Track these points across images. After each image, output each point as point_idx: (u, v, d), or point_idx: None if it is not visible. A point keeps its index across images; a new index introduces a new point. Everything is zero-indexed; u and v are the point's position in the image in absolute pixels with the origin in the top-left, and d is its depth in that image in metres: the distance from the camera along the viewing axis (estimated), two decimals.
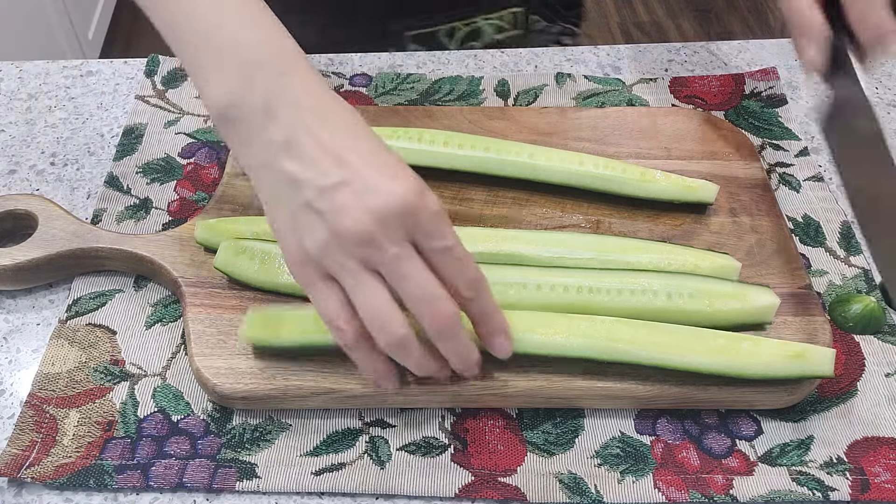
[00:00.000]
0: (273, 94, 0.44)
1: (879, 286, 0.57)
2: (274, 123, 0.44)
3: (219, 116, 0.46)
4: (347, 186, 0.43)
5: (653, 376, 0.50)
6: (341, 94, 0.70)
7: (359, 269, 0.43)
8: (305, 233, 0.44)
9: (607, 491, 0.48)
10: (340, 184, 0.43)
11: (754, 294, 0.52)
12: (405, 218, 0.43)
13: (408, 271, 0.43)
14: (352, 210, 0.42)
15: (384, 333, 0.44)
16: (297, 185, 0.43)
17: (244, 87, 0.44)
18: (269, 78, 0.44)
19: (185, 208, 0.62)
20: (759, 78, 0.72)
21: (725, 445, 0.50)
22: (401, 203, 0.42)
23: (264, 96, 0.44)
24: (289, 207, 0.44)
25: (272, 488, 0.48)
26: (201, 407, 0.51)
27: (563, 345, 0.49)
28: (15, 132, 0.69)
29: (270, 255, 0.54)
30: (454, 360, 0.47)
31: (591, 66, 0.75)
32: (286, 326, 0.50)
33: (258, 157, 0.45)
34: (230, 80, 0.45)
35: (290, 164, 0.43)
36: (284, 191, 0.44)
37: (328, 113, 0.45)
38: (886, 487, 0.48)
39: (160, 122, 0.69)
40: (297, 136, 0.44)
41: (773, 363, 0.48)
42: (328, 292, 0.44)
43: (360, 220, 0.42)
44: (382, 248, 0.42)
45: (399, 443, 0.50)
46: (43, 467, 0.48)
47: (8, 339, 0.56)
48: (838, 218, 0.62)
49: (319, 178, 0.43)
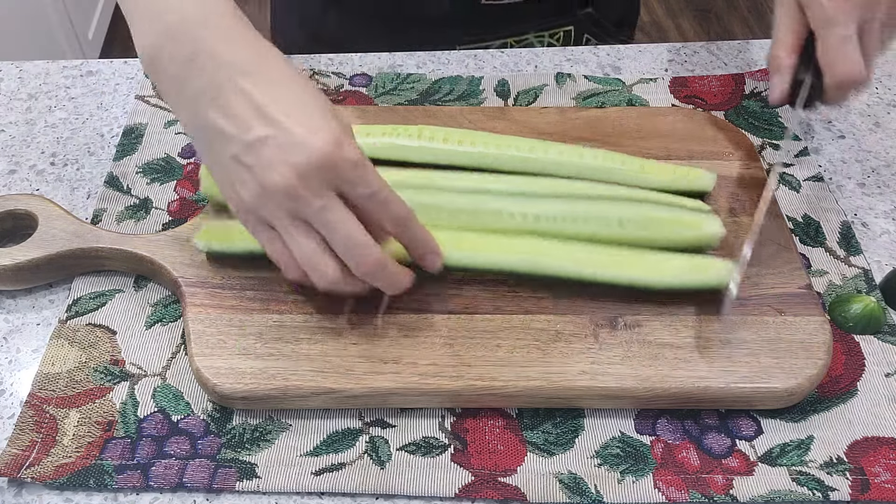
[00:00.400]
0: (196, 46, 0.46)
1: (880, 286, 0.57)
2: (198, 75, 0.46)
3: (148, 64, 0.48)
4: (272, 141, 0.45)
5: (652, 376, 0.50)
6: (341, 94, 0.71)
7: (289, 220, 0.46)
8: (238, 185, 0.46)
9: (607, 491, 0.48)
10: (265, 138, 0.45)
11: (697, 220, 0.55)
12: (326, 171, 0.45)
13: (333, 222, 0.46)
14: (276, 165, 0.44)
15: (318, 276, 0.48)
16: (224, 138, 0.46)
17: (168, 38, 0.47)
18: (192, 30, 0.46)
19: (185, 208, 0.62)
20: (759, 78, 0.72)
21: (725, 445, 0.50)
22: (320, 157, 0.44)
23: (188, 47, 0.46)
24: (220, 159, 0.47)
25: (272, 488, 0.48)
26: (201, 407, 0.51)
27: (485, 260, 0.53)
28: (15, 132, 0.69)
29: None
30: (388, 289, 0.50)
31: (591, 66, 0.75)
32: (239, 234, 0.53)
33: (187, 107, 0.47)
34: (156, 30, 0.47)
35: (214, 115, 0.46)
36: (214, 142, 0.47)
37: (252, 65, 0.46)
38: (886, 487, 0.48)
39: (160, 122, 0.69)
40: (221, 88, 0.45)
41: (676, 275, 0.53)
42: (270, 237, 0.48)
43: (285, 176, 0.44)
44: (307, 201, 0.45)
45: (399, 443, 0.50)
46: (43, 467, 0.48)
47: (8, 339, 0.56)
48: (838, 218, 0.62)
49: (244, 132, 0.45)
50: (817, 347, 0.51)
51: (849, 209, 0.63)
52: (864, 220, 0.63)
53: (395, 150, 0.61)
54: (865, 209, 0.63)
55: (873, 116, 0.71)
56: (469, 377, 0.50)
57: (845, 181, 0.65)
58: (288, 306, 0.53)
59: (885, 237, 0.61)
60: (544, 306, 0.54)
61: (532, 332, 0.52)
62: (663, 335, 0.52)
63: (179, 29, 0.46)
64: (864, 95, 0.72)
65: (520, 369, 0.50)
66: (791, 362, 0.50)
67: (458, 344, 0.51)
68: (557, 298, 0.54)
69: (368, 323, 0.53)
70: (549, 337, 0.52)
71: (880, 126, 0.70)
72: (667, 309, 0.53)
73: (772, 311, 0.53)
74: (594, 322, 0.53)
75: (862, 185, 0.65)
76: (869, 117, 0.71)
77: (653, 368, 0.50)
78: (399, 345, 0.51)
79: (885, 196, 0.64)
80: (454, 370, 0.50)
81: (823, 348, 0.51)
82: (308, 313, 0.53)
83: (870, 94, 0.73)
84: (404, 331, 0.52)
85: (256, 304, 0.54)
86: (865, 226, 0.62)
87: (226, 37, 0.47)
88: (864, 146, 0.68)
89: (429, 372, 0.50)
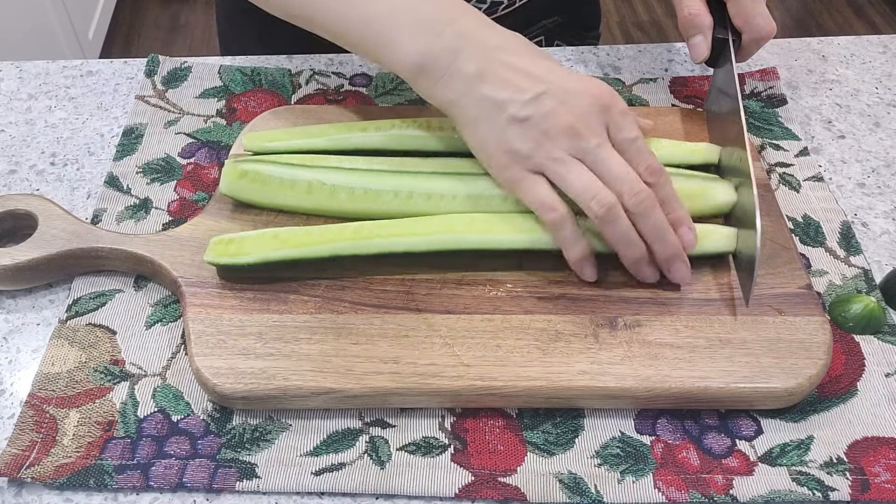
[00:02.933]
0: (457, 36, 0.54)
1: (880, 286, 0.57)
2: (464, 60, 0.53)
3: (414, 71, 0.55)
4: (547, 95, 0.52)
5: (652, 376, 0.50)
6: (341, 94, 0.71)
7: (568, 158, 0.52)
8: (515, 139, 0.52)
9: (607, 491, 0.48)
10: (541, 94, 0.52)
11: (708, 188, 0.58)
12: (601, 114, 0.52)
13: (607, 156, 0.52)
14: (558, 112, 0.51)
15: (597, 202, 0.51)
16: (499, 105, 0.52)
17: (432, 39, 0.54)
18: (449, 25, 0.54)
19: (185, 208, 0.62)
20: (759, 78, 0.72)
21: (725, 445, 0.50)
22: (597, 101, 0.52)
23: (451, 40, 0.54)
24: (494, 124, 0.53)
25: (272, 488, 0.48)
26: (201, 407, 0.51)
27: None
28: (15, 132, 0.69)
29: (270, 178, 0.57)
30: (653, 237, 0.52)
31: (591, 66, 0.75)
32: (247, 246, 0.54)
33: (455, 91, 0.54)
34: (419, 39, 0.54)
35: (486, 88, 0.53)
36: (487, 112, 0.53)
37: (505, 42, 0.54)
38: (886, 487, 0.48)
39: (160, 122, 0.69)
40: (487, 65, 0.53)
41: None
42: (538, 182, 0.53)
43: (567, 119, 0.51)
44: (586, 138, 0.51)
45: (399, 443, 0.50)
46: (43, 467, 0.48)
47: (8, 339, 0.56)
48: (838, 218, 0.62)
49: (518, 94, 0.52)
50: (817, 347, 0.51)
51: (849, 209, 0.63)
52: (864, 220, 0.63)
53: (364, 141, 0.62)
54: (865, 209, 0.63)
55: (873, 116, 0.71)
56: (469, 377, 0.50)
57: (845, 181, 0.65)
58: (288, 306, 0.53)
59: (885, 237, 0.61)
60: (544, 306, 0.54)
61: (532, 332, 0.52)
62: (663, 335, 0.52)
63: (439, 29, 0.54)
64: (864, 95, 0.72)
65: (519, 369, 0.50)
66: (791, 362, 0.50)
67: (457, 344, 0.51)
68: (557, 298, 0.54)
69: (368, 323, 0.53)
70: (549, 337, 0.52)
71: (880, 126, 0.70)
72: (667, 309, 0.53)
73: (772, 311, 0.53)
74: (594, 322, 0.53)
75: (862, 185, 0.65)
76: (869, 117, 0.71)
77: (653, 368, 0.50)
78: (399, 345, 0.51)
79: (885, 196, 0.64)
80: (454, 370, 0.50)
81: (823, 348, 0.51)
82: (308, 313, 0.53)
83: (870, 94, 0.73)
84: (404, 331, 0.52)
85: (256, 304, 0.54)
86: (865, 226, 0.62)
87: (477, 23, 0.55)
88: (864, 146, 0.68)
89: (428, 372, 0.50)
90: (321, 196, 0.57)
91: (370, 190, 0.57)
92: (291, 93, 0.71)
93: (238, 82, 0.72)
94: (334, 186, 0.57)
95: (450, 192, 0.57)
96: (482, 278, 0.55)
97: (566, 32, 0.88)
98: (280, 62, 0.75)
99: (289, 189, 0.57)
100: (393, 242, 0.54)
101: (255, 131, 0.63)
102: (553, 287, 0.55)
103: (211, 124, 0.68)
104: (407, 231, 0.54)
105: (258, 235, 0.55)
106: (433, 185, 0.57)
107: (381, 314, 0.53)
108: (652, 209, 0.51)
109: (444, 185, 0.57)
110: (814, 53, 0.77)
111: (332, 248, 0.54)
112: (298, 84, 0.72)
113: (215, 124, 0.68)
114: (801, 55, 0.77)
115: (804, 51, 0.77)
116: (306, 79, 0.72)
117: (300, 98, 0.71)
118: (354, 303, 0.54)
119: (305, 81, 0.72)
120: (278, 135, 0.62)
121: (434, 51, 0.54)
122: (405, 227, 0.55)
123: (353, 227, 0.55)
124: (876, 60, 0.76)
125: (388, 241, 0.54)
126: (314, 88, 0.72)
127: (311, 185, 0.57)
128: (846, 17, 2.54)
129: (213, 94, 0.71)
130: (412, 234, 0.54)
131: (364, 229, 0.55)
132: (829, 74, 0.75)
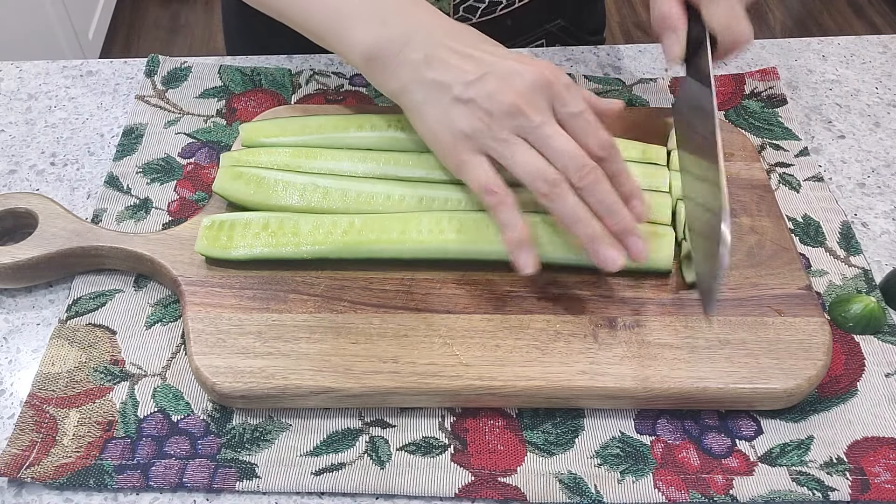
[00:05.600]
0: (406, 26, 0.55)
1: (880, 286, 0.57)
2: (411, 48, 0.54)
3: (366, 60, 0.56)
4: (490, 75, 0.52)
5: (652, 377, 0.50)
6: (341, 94, 0.71)
7: (512, 138, 0.51)
8: (459, 119, 0.52)
9: (607, 491, 0.48)
10: (483, 75, 0.52)
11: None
12: (544, 90, 0.51)
13: (552, 133, 0.51)
14: (500, 91, 0.51)
15: (542, 181, 0.50)
16: (444, 87, 0.53)
17: (382, 28, 0.55)
18: (399, 15, 0.55)
19: (185, 208, 0.62)
20: (759, 78, 0.72)
21: (725, 445, 0.50)
22: (540, 78, 0.51)
23: (400, 29, 0.55)
24: (439, 106, 0.53)
25: (272, 488, 0.48)
26: (201, 407, 0.51)
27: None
28: (15, 132, 0.69)
29: (264, 180, 0.58)
30: (602, 211, 0.51)
31: (591, 66, 0.75)
32: (238, 238, 0.55)
33: (404, 78, 0.54)
34: (369, 29, 0.55)
35: (432, 73, 0.53)
36: (432, 95, 0.53)
37: (453, 30, 0.55)
38: (886, 487, 0.48)
39: (160, 122, 0.69)
40: (433, 50, 0.53)
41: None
42: (479, 163, 0.52)
43: (509, 98, 0.51)
44: (529, 117, 0.51)
45: (399, 443, 0.50)
46: (43, 467, 0.48)
47: (8, 339, 0.56)
48: (838, 218, 0.62)
49: (462, 76, 0.52)
50: (817, 348, 0.51)
51: (849, 209, 0.63)
52: (864, 220, 0.63)
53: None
54: (865, 209, 0.63)
55: (873, 116, 0.71)
56: (468, 377, 0.50)
57: (845, 181, 0.65)
58: (287, 305, 0.53)
59: (885, 237, 0.61)
60: (544, 306, 0.54)
61: (531, 332, 0.52)
62: (663, 335, 0.52)
63: (390, 18, 0.55)
64: (864, 95, 0.72)
65: (519, 369, 0.50)
66: (790, 363, 0.50)
67: (457, 344, 0.51)
68: (557, 298, 0.54)
69: (367, 322, 0.53)
70: (549, 337, 0.52)
71: (880, 126, 0.70)
72: (666, 309, 0.53)
73: (771, 312, 0.53)
74: (593, 322, 0.53)
75: (862, 185, 0.65)
76: (869, 117, 0.71)
77: (652, 368, 0.50)
78: (398, 344, 0.51)
79: (885, 196, 0.64)
80: (453, 370, 0.50)
81: (823, 349, 0.51)
82: (307, 312, 0.53)
83: (870, 94, 0.73)
84: (403, 330, 0.52)
85: (256, 303, 0.54)
86: (865, 226, 0.62)
87: (427, 13, 0.56)
88: (864, 146, 0.68)
89: (428, 371, 0.50)
90: (315, 197, 0.57)
91: (363, 192, 0.57)
92: (291, 93, 0.71)
93: (238, 82, 0.72)
94: (328, 188, 0.57)
95: (442, 195, 0.57)
96: (482, 278, 0.55)
97: (569, 36, 0.88)
98: (280, 62, 0.75)
99: (282, 191, 0.57)
100: (383, 249, 0.55)
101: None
102: (552, 287, 0.55)
103: (211, 124, 0.68)
104: (397, 238, 0.55)
105: (247, 223, 0.56)
106: (426, 190, 0.57)
107: (380, 314, 0.53)
108: (597, 183, 0.50)
109: (438, 192, 0.57)
110: (814, 53, 0.77)
111: (322, 250, 0.55)
112: (298, 84, 0.72)
113: (215, 124, 0.68)
114: (801, 55, 0.77)
115: (804, 51, 0.77)
116: (306, 79, 0.72)
117: (300, 98, 0.71)
118: (354, 302, 0.54)
119: (305, 81, 0.72)
120: (274, 130, 0.62)
121: (383, 40, 0.55)
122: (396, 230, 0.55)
123: (343, 227, 0.55)
124: (876, 60, 0.76)
125: (380, 247, 0.55)
126: (314, 88, 0.72)
127: (305, 188, 0.57)
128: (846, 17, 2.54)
129: (213, 94, 0.71)
130: (402, 243, 0.55)
131: (353, 229, 0.55)
132: (829, 74, 0.75)
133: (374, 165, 0.59)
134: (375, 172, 0.59)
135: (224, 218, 0.56)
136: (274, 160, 0.59)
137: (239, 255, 0.55)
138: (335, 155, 0.60)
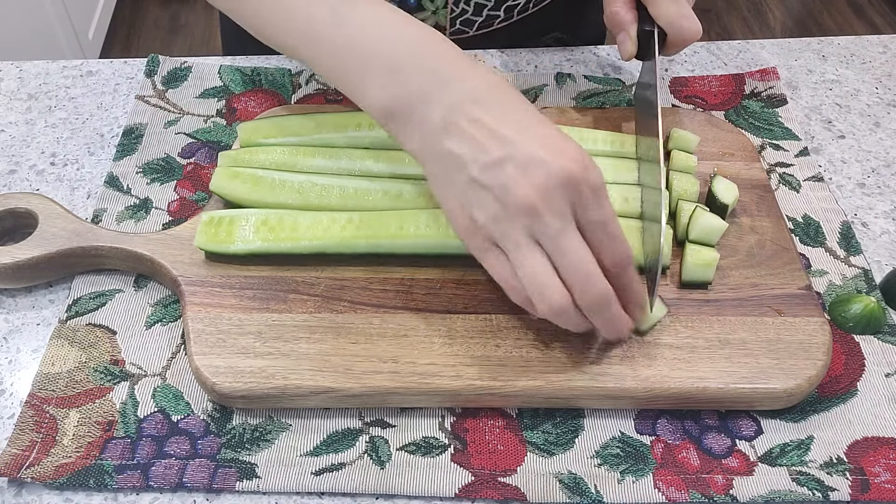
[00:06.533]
0: (425, 83, 0.49)
1: (880, 286, 0.57)
2: (430, 108, 0.48)
3: (383, 116, 0.51)
4: (510, 161, 0.46)
5: (652, 377, 0.50)
6: (341, 94, 0.71)
7: (522, 239, 0.46)
8: (474, 205, 0.47)
9: (607, 491, 0.48)
10: (503, 159, 0.46)
11: None
12: (568, 189, 0.45)
13: (568, 246, 0.46)
14: (518, 185, 0.45)
15: (543, 301, 0.46)
16: (461, 163, 0.47)
17: (400, 85, 0.49)
18: (419, 71, 0.49)
19: (185, 208, 0.62)
20: (759, 78, 0.72)
21: (725, 445, 0.50)
22: (564, 174, 0.45)
23: (419, 87, 0.49)
24: (455, 183, 0.48)
25: (272, 488, 0.48)
26: (201, 407, 0.51)
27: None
28: (15, 132, 0.69)
29: (262, 179, 0.58)
30: (605, 329, 0.49)
31: (591, 66, 0.75)
32: (236, 233, 0.55)
33: (422, 142, 0.49)
34: (386, 84, 0.50)
35: (449, 143, 0.47)
36: (450, 169, 0.48)
37: (476, 89, 0.48)
38: (886, 487, 0.48)
39: (160, 122, 0.69)
40: (452, 116, 0.47)
41: None
42: (499, 258, 0.48)
43: (526, 194, 0.45)
44: (545, 221, 0.45)
45: (399, 443, 0.50)
46: (43, 467, 0.48)
47: (8, 339, 0.56)
48: (838, 218, 0.62)
49: (481, 154, 0.46)
50: (817, 348, 0.51)
51: (849, 209, 0.63)
52: (864, 220, 0.63)
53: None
54: (865, 209, 0.63)
55: (873, 116, 0.71)
56: (468, 377, 0.50)
57: (845, 181, 0.65)
58: (287, 305, 0.53)
59: (885, 237, 0.61)
60: None
61: (531, 332, 0.52)
62: (663, 335, 0.52)
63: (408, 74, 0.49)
64: (864, 95, 0.72)
65: (519, 369, 0.50)
66: (790, 363, 0.50)
67: (457, 343, 0.51)
68: None
69: (367, 322, 0.53)
70: (549, 337, 0.52)
71: (880, 126, 0.70)
72: (666, 309, 0.53)
73: (771, 312, 0.53)
74: None
75: (862, 185, 0.65)
76: (869, 117, 0.71)
77: (652, 368, 0.50)
78: (398, 344, 0.51)
79: (885, 196, 0.64)
80: (453, 370, 0.50)
81: (823, 349, 0.51)
82: (307, 312, 0.53)
83: (870, 94, 0.73)
84: (403, 330, 0.52)
85: (256, 303, 0.54)
86: (865, 226, 0.62)
87: (451, 68, 0.49)
88: (864, 146, 0.68)
89: (428, 371, 0.50)
90: (312, 194, 0.57)
91: (361, 189, 0.57)
92: (291, 93, 0.71)
93: (238, 82, 0.72)
94: (326, 186, 0.57)
95: None
96: (482, 278, 0.55)
97: (568, 47, 0.87)
98: (280, 62, 0.75)
99: (280, 189, 0.57)
100: (381, 244, 0.55)
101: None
102: None
103: (211, 124, 0.68)
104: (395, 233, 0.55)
105: (246, 219, 0.56)
106: (424, 187, 0.57)
107: (380, 314, 0.53)
108: (604, 307, 0.47)
109: None
110: (814, 53, 0.77)
111: (321, 244, 0.55)
112: (298, 84, 0.72)
113: (215, 124, 0.68)
114: (801, 55, 0.77)
115: (804, 51, 0.77)
116: (306, 79, 0.72)
117: (300, 98, 0.71)
118: (354, 302, 0.54)
119: (305, 81, 0.72)
120: (272, 129, 0.62)
121: (402, 99, 0.49)
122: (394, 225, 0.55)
123: (341, 223, 0.55)
124: (876, 60, 0.76)
125: (378, 242, 0.55)
126: (314, 88, 0.72)
127: (302, 186, 0.57)
128: (846, 17, 2.54)
129: (213, 94, 0.71)
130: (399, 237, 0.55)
131: (352, 225, 0.55)
132: (829, 74, 0.75)
133: (372, 163, 0.59)
134: (373, 170, 0.59)
135: (223, 214, 0.56)
136: (272, 159, 0.59)
137: (237, 250, 0.55)
138: (333, 153, 0.60)
